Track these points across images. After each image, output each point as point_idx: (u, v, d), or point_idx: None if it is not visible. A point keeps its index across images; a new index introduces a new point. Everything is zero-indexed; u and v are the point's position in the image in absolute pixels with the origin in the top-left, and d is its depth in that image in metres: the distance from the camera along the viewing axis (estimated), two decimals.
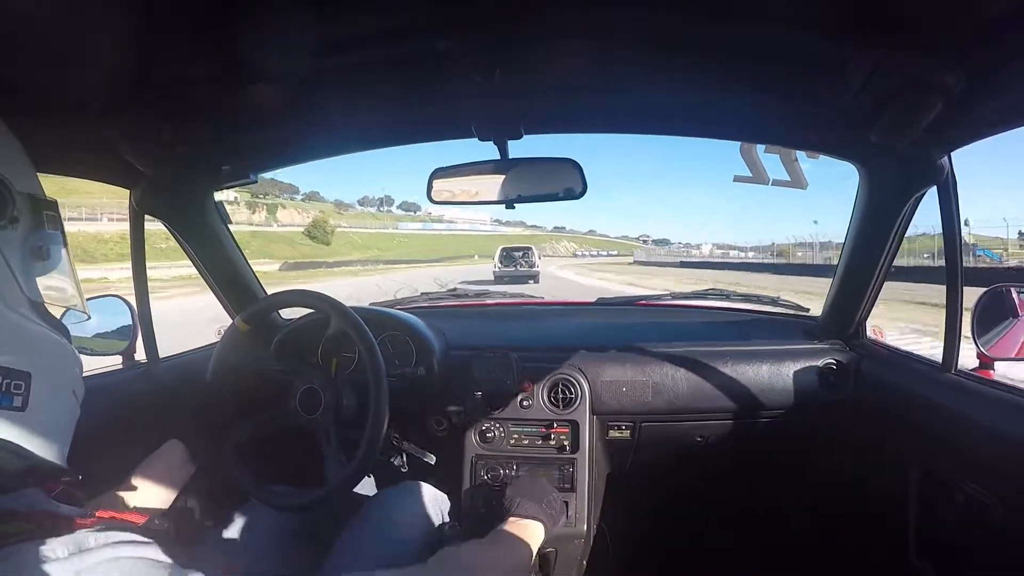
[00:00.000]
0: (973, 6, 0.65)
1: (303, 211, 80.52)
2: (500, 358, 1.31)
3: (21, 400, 0.48)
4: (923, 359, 1.20)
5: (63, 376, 0.55)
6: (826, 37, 0.75)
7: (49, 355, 0.53)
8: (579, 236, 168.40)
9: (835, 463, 1.42)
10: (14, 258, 0.52)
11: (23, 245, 0.53)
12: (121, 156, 0.97)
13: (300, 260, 44.66)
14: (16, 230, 0.52)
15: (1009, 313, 1.08)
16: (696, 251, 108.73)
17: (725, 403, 1.33)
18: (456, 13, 0.74)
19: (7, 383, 0.47)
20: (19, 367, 0.48)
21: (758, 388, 1.33)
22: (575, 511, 1.24)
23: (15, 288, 0.51)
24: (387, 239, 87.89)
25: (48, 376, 0.52)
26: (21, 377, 0.48)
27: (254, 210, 70.59)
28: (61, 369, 0.55)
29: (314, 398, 1.01)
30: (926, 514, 1.11)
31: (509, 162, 1.12)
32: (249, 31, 0.72)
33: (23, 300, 0.52)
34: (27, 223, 0.54)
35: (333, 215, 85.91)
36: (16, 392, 0.47)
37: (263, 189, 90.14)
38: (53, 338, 0.54)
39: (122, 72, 0.77)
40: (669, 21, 0.76)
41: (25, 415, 0.48)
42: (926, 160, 0.99)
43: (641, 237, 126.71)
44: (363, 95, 0.98)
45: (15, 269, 0.52)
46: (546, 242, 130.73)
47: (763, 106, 1.03)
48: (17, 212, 0.52)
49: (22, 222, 0.53)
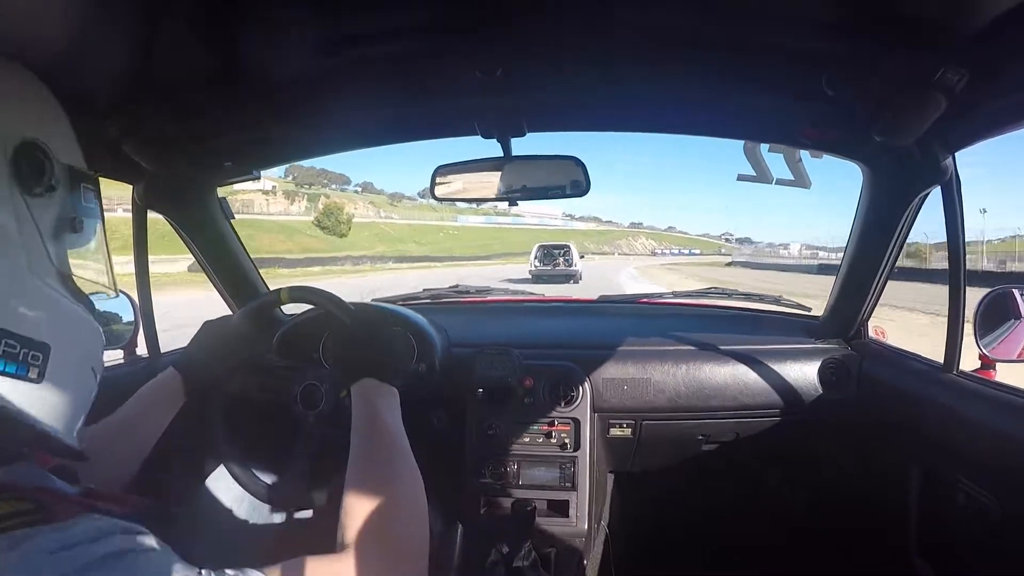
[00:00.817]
0: (977, 4, 0.64)
1: (354, 202, 73.92)
2: (502, 355, 1.31)
3: (37, 372, 0.47)
4: (925, 359, 1.19)
5: (84, 351, 0.55)
6: (829, 35, 0.75)
7: (72, 329, 0.53)
8: (657, 232, 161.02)
9: (836, 462, 1.42)
10: (47, 227, 0.51)
11: (58, 215, 0.53)
12: (124, 152, 0.97)
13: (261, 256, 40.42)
14: (52, 199, 0.52)
15: (1012, 315, 1.08)
16: (785, 251, 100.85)
17: (726, 401, 1.33)
18: (459, 11, 0.74)
19: (25, 352, 0.46)
20: (39, 337, 0.48)
21: (759, 387, 1.33)
22: (576, 509, 1.25)
23: (44, 257, 0.51)
24: (431, 232, 79.90)
25: (68, 350, 0.51)
26: (40, 348, 0.48)
27: (292, 200, 65.16)
28: (82, 344, 0.55)
29: (315, 394, 1.01)
30: (926, 514, 1.12)
31: (512, 159, 1.12)
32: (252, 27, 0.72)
33: (51, 270, 0.51)
34: (64, 193, 0.53)
35: (385, 206, 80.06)
36: (33, 363, 0.47)
37: (309, 178, 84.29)
38: (78, 312, 0.54)
39: (125, 69, 0.77)
40: (672, 19, 0.76)
41: (40, 387, 0.48)
42: (930, 160, 0.99)
43: (724, 235, 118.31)
44: (366, 92, 0.98)
45: (46, 238, 0.51)
46: (622, 238, 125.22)
47: (766, 105, 1.03)
48: (55, 181, 0.52)
49: (59, 192, 0.53)
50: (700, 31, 0.78)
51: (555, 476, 1.27)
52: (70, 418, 0.53)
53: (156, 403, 0.89)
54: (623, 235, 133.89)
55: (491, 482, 1.28)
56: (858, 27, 0.72)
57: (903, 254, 1.26)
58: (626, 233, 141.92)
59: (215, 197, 1.35)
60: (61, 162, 0.53)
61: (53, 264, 0.52)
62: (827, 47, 0.77)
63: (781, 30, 0.76)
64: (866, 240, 1.26)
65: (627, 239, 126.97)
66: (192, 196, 1.29)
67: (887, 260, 1.25)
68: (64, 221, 0.53)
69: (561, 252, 20.36)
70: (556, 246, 21.14)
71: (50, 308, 0.50)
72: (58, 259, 0.53)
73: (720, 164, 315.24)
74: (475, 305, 1.93)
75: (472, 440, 1.31)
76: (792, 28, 0.75)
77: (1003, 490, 0.90)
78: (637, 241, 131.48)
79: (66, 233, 0.54)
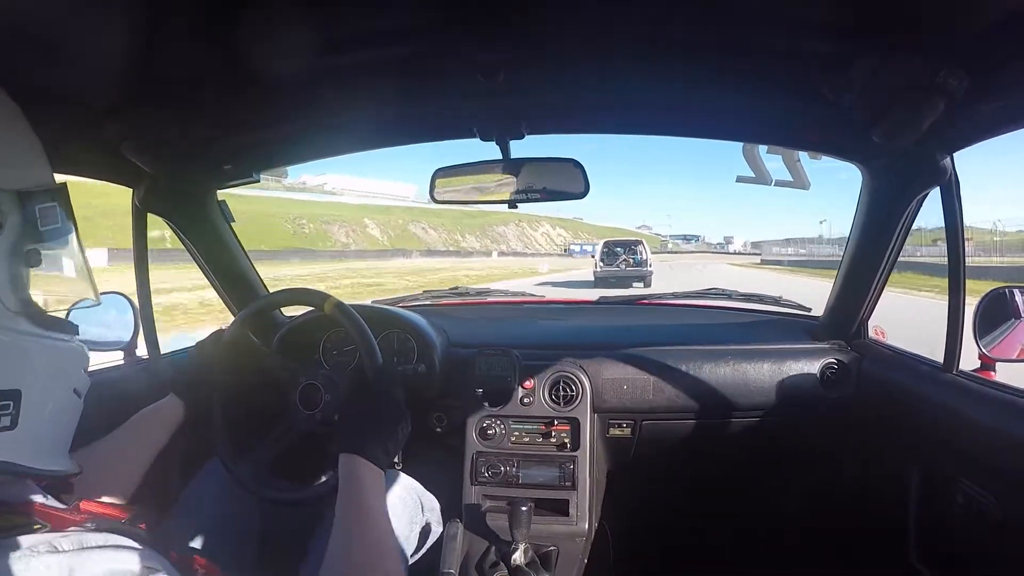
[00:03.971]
0: (976, 6, 0.64)
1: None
2: (501, 355, 1.32)
3: (10, 419, 0.47)
4: (925, 359, 1.20)
5: (60, 380, 0.54)
6: (828, 38, 0.75)
7: (43, 364, 0.51)
8: (566, 221, 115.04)
9: (836, 462, 1.42)
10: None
11: (9, 255, 0.49)
12: (123, 155, 0.97)
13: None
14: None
15: (1011, 315, 1.08)
16: (730, 246, 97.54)
17: (726, 402, 1.33)
18: (458, 13, 0.74)
19: None
20: (6, 386, 0.47)
21: (759, 387, 1.33)
22: (576, 509, 1.25)
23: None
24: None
25: (42, 386, 0.50)
26: (9, 397, 0.47)
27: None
28: (57, 374, 0.53)
29: (315, 395, 1.02)
30: (926, 514, 1.12)
31: (511, 162, 1.12)
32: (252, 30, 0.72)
33: (8, 315, 0.49)
34: (14, 227, 0.49)
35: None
36: (4, 413, 0.46)
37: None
38: (49, 343, 0.52)
39: (124, 71, 0.77)
40: (672, 22, 0.76)
41: (16, 433, 0.47)
42: (929, 161, 0.99)
43: (641, 227, 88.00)
44: (365, 95, 0.98)
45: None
46: (504, 224, 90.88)
47: (765, 107, 1.03)
48: (1, 218, 0.48)
49: (7, 228, 0.49)
50: (699, 34, 0.78)
51: (555, 475, 1.28)
52: (54, 445, 0.52)
53: (155, 429, 0.90)
54: (503, 220, 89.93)
55: (491, 482, 1.28)
56: (857, 29, 0.72)
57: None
58: (514, 218, 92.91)
59: (215, 200, 1.35)
60: (6, 190, 0.49)
61: (10, 309, 0.49)
62: (826, 49, 0.78)
63: (781, 32, 0.76)
64: (865, 241, 1.26)
65: (519, 224, 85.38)
66: (192, 199, 1.29)
67: (886, 261, 1.25)
68: (17, 259, 0.50)
69: (626, 249, 16.96)
70: (620, 243, 17.60)
71: (14, 354, 0.48)
72: (18, 298, 0.49)
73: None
74: (474, 307, 1.93)
75: (472, 440, 1.31)
76: (792, 30, 0.75)
77: (1003, 490, 0.90)
78: (538, 231, 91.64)
79: (23, 268, 0.50)
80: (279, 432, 1.00)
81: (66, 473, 0.53)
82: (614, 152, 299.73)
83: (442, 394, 1.33)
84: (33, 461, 0.48)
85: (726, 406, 1.34)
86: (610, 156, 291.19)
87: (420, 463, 1.27)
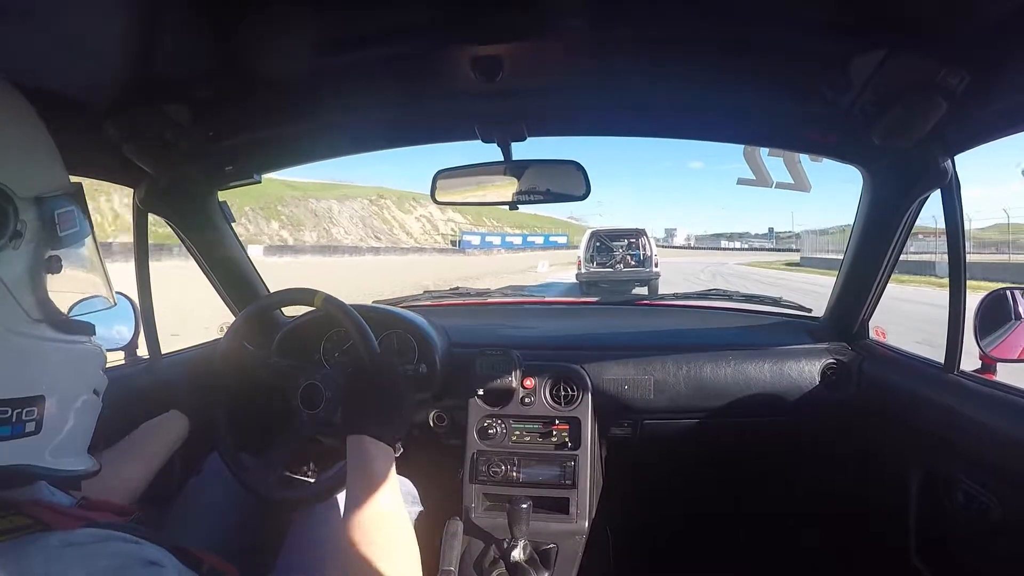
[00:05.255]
0: (977, 6, 0.64)
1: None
2: (502, 355, 1.32)
3: (34, 424, 0.47)
4: (926, 360, 1.20)
5: (81, 382, 0.54)
6: (829, 38, 0.75)
7: (65, 367, 0.51)
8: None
9: (836, 463, 1.42)
10: (19, 281, 0.48)
11: (29, 262, 0.49)
12: (124, 155, 0.97)
13: None
14: (19, 247, 0.48)
15: (1012, 315, 1.08)
16: (673, 240, 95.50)
17: (727, 402, 1.34)
18: (459, 14, 0.74)
19: (18, 412, 0.46)
20: (30, 392, 0.47)
21: (760, 388, 1.34)
22: (576, 507, 1.25)
23: (17, 311, 0.47)
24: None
25: (63, 390, 0.50)
26: (32, 403, 0.47)
27: None
28: (78, 376, 0.53)
29: (316, 394, 1.02)
30: (927, 514, 1.12)
31: (512, 163, 1.12)
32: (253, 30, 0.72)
33: (30, 321, 0.48)
34: (34, 234, 0.49)
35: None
36: (28, 419, 0.46)
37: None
38: (68, 348, 0.52)
39: (126, 71, 0.78)
40: (672, 22, 0.76)
41: (40, 437, 0.47)
42: (930, 163, 0.99)
43: (570, 218, 79.07)
44: (366, 96, 0.98)
45: (18, 291, 0.47)
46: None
47: (766, 109, 1.03)
48: (20, 225, 0.47)
49: (27, 234, 0.48)
50: (700, 34, 0.78)
51: (555, 474, 1.28)
52: (77, 445, 0.53)
53: (158, 442, 0.91)
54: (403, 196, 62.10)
55: (491, 480, 1.28)
56: (858, 30, 0.72)
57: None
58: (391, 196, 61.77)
59: (216, 200, 1.35)
60: (26, 197, 0.49)
61: (31, 316, 0.48)
62: (827, 50, 0.78)
63: (781, 33, 0.76)
64: (866, 242, 1.26)
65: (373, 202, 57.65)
66: (193, 199, 1.29)
67: (887, 262, 1.25)
68: (39, 266, 0.50)
69: (626, 244, 12.37)
70: (618, 234, 12.71)
71: (36, 359, 0.49)
72: (38, 304, 0.49)
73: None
74: (475, 307, 1.93)
75: (472, 440, 1.31)
76: (792, 31, 0.75)
77: (1003, 490, 0.90)
78: (413, 213, 60.20)
79: (43, 277, 0.50)
80: (284, 434, 1.00)
81: (87, 472, 0.53)
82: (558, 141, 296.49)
83: (443, 394, 1.33)
84: (55, 463, 0.49)
85: (727, 406, 1.34)
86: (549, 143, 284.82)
87: (420, 463, 1.27)
